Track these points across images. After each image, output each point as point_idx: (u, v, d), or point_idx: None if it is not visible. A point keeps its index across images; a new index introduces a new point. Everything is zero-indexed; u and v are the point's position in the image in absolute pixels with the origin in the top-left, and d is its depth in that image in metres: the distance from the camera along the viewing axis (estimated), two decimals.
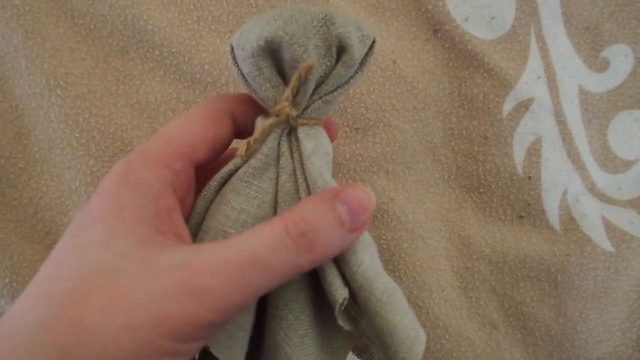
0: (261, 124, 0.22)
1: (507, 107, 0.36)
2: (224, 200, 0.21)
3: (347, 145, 0.35)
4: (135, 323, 0.16)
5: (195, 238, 0.22)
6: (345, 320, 0.21)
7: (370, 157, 0.35)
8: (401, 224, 0.35)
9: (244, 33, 0.21)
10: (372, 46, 0.22)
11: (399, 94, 0.35)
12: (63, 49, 0.33)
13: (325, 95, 0.21)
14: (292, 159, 0.22)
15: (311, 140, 0.21)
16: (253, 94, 0.22)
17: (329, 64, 0.20)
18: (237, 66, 0.22)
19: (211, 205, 0.22)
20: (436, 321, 0.34)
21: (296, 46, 0.19)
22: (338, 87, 0.21)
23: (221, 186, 0.22)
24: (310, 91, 0.21)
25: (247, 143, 0.21)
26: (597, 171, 0.38)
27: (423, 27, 0.36)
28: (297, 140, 0.22)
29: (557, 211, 0.36)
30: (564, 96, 0.37)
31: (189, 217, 0.22)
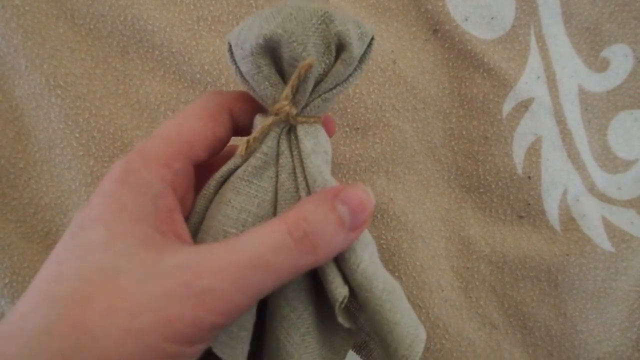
0: (260, 123, 0.22)
1: (507, 107, 0.36)
2: (224, 199, 0.21)
3: (347, 145, 0.35)
4: (137, 326, 0.16)
5: (195, 238, 0.22)
6: (345, 318, 0.21)
7: (370, 157, 0.35)
8: (401, 224, 0.35)
9: (242, 31, 0.21)
10: (371, 43, 0.22)
11: (398, 94, 0.35)
12: (63, 49, 0.33)
13: (325, 93, 0.21)
14: (291, 157, 0.22)
15: (310, 139, 0.21)
16: (252, 92, 0.22)
17: (328, 61, 0.20)
18: (236, 64, 0.22)
19: (211, 204, 0.22)
20: (436, 321, 0.34)
21: (295, 44, 0.19)
22: (337, 84, 0.21)
23: (221, 185, 0.22)
24: (309, 89, 0.21)
25: (247, 142, 0.21)
26: (597, 171, 0.38)
27: (423, 27, 0.36)
28: (297, 138, 0.22)
29: (557, 211, 0.36)
30: (563, 96, 0.37)
31: (188, 217, 0.22)
